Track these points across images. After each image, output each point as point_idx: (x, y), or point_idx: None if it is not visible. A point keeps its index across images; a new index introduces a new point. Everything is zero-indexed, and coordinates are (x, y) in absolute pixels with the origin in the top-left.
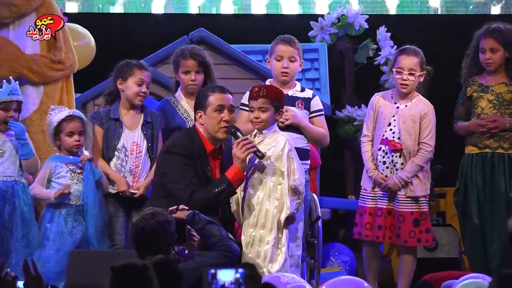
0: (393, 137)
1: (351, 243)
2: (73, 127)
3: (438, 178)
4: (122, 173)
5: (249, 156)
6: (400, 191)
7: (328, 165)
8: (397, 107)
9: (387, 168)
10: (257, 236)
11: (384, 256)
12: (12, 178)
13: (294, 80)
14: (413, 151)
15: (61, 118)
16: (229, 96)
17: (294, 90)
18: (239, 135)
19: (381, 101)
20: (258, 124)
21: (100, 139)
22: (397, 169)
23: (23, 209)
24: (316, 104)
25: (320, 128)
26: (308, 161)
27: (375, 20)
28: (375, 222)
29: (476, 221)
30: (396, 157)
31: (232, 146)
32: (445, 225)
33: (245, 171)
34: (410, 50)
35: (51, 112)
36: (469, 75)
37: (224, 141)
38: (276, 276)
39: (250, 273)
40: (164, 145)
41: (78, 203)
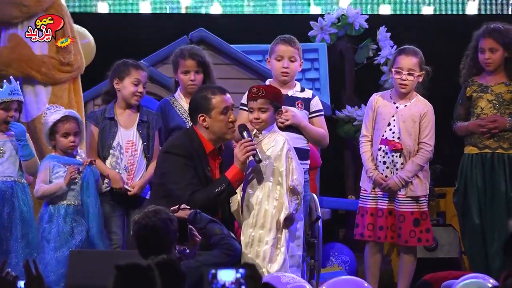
0: (393, 137)
1: (351, 243)
2: (68, 128)
3: (438, 178)
4: (117, 170)
5: (250, 158)
6: (401, 191)
7: (328, 165)
8: (397, 107)
9: (387, 168)
10: (256, 236)
11: (384, 256)
12: (12, 179)
13: (294, 80)
14: (413, 151)
15: (57, 119)
16: (229, 96)
17: (294, 90)
18: (245, 136)
19: (380, 101)
20: (258, 125)
21: (96, 139)
22: (397, 169)
23: (23, 209)
24: (316, 104)
25: (320, 128)
26: (308, 161)
27: (375, 20)
28: (377, 223)
29: (477, 221)
30: (396, 157)
31: (232, 146)
32: (445, 225)
33: (245, 171)
34: (409, 50)
35: (47, 112)
36: (469, 75)
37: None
38: (276, 276)
39: (251, 273)
40: (164, 146)
41: (77, 203)
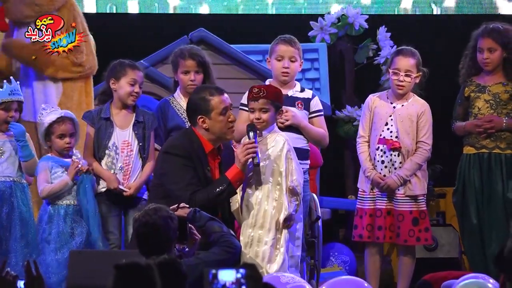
0: (391, 137)
1: (351, 243)
2: (64, 130)
3: (438, 178)
4: (113, 171)
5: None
6: (399, 190)
7: (328, 165)
8: (394, 107)
9: (386, 168)
10: (256, 237)
11: (384, 256)
12: (11, 179)
13: (294, 80)
14: (411, 150)
15: (52, 120)
16: (227, 96)
17: (294, 91)
18: (250, 136)
19: (377, 102)
20: (260, 125)
21: (92, 138)
22: (396, 168)
23: (22, 210)
24: (316, 105)
25: (320, 129)
26: (308, 161)
27: (375, 20)
28: (375, 223)
29: (475, 222)
30: (395, 156)
31: (231, 145)
32: (445, 225)
33: (245, 172)
34: (407, 51)
35: (42, 112)
36: (468, 75)
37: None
38: (276, 276)
39: (251, 273)
40: (163, 146)
41: (76, 203)
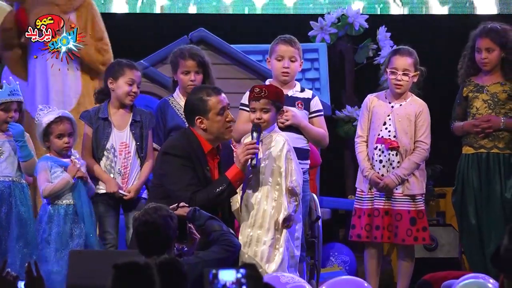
0: (389, 136)
1: (351, 243)
2: (63, 129)
3: (438, 178)
4: (112, 174)
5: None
6: (397, 190)
7: (328, 165)
8: (392, 107)
9: (384, 167)
10: (255, 236)
11: (384, 256)
12: (10, 179)
13: (294, 80)
14: (409, 149)
15: (51, 120)
16: (224, 95)
17: (294, 91)
18: (254, 136)
19: (375, 101)
20: (261, 125)
21: (90, 138)
22: (394, 168)
23: (20, 209)
24: (316, 105)
25: (320, 129)
26: (308, 161)
27: (375, 20)
28: (373, 223)
29: (473, 222)
30: (393, 155)
31: (230, 145)
32: (445, 225)
33: (245, 172)
34: (404, 51)
35: (39, 112)
36: (466, 76)
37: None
38: (276, 276)
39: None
40: (162, 147)
41: (74, 203)
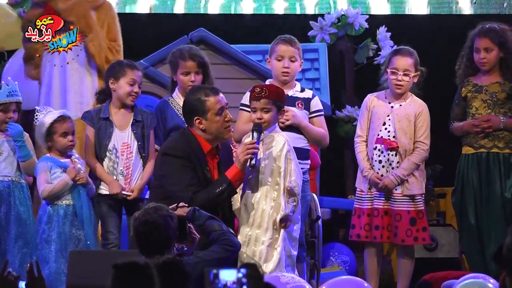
0: (389, 136)
1: (351, 243)
2: (67, 128)
3: (438, 178)
4: (114, 175)
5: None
6: (397, 190)
7: (328, 165)
8: (392, 107)
9: (383, 167)
10: (253, 236)
11: (384, 256)
12: (9, 178)
13: (294, 80)
14: (409, 150)
15: (54, 119)
16: (222, 95)
17: (294, 90)
18: (254, 136)
19: (375, 101)
20: (262, 125)
21: (93, 139)
22: (393, 168)
23: (19, 209)
24: (316, 104)
25: (320, 128)
26: (308, 161)
27: (375, 20)
28: (373, 223)
29: (473, 222)
30: (392, 156)
31: (230, 144)
32: (445, 225)
33: (245, 171)
34: (405, 51)
35: (38, 114)
36: (465, 76)
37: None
38: (276, 276)
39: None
40: (162, 148)
41: (74, 203)
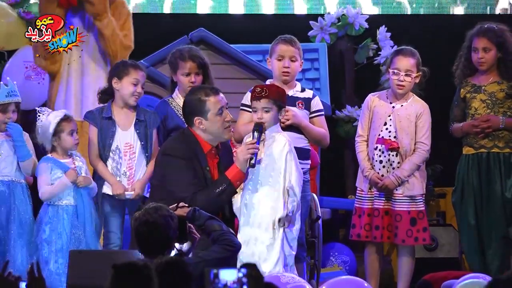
0: (389, 136)
1: (351, 243)
2: (73, 126)
3: (438, 178)
4: (118, 176)
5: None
6: (397, 190)
7: (328, 165)
8: (393, 107)
9: (384, 167)
10: (253, 236)
11: (384, 256)
12: (9, 178)
13: (295, 81)
14: (410, 150)
15: (60, 118)
16: (223, 95)
17: (295, 90)
18: (255, 136)
19: (376, 101)
20: (263, 125)
21: (96, 139)
22: (394, 168)
23: (20, 209)
24: (317, 104)
25: (321, 128)
26: (309, 161)
27: (375, 20)
28: (373, 222)
29: (472, 222)
30: (393, 156)
31: (229, 144)
32: (445, 225)
33: (245, 171)
34: (407, 51)
35: (40, 114)
36: (463, 76)
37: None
38: (276, 276)
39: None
40: (162, 148)
41: (74, 203)
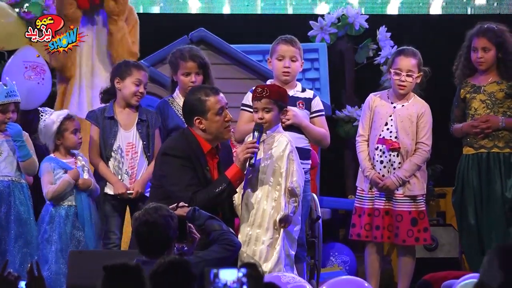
0: (390, 137)
1: (351, 243)
2: (76, 125)
3: (438, 178)
4: (119, 175)
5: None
6: (398, 190)
7: (328, 165)
8: (394, 107)
9: (385, 168)
10: (254, 235)
11: (384, 256)
12: (9, 178)
13: (295, 81)
14: (411, 150)
15: (64, 117)
16: (223, 95)
17: (295, 90)
18: (255, 136)
19: (378, 101)
20: (263, 125)
21: (97, 138)
22: (395, 168)
23: (19, 209)
24: (317, 105)
25: (321, 128)
26: (309, 161)
27: (375, 20)
28: (373, 222)
29: (472, 222)
30: (394, 156)
31: (229, 144)
32: (445, 225)
33: (245, 171)
34: (408, 51)
35: (43, 114)
36: (463, 76)
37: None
38: (276, 276)
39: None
40: (162, 148)
41: (75, 204)
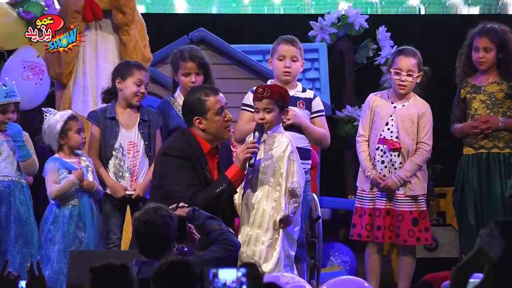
0: (391, 136)
1: (351, 243)
2: (80, 125)
3: (438, 178)
4: (121, 173)
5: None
6: (399, 190)
7: (328, 165)
8: (394, 107)
9: (386, 168)
10: (253, 236)
11: (384, 256)
12: (9, 178)
13: (296, 81)
14: (412, 150)
15: (68, 116)
16: (222, 95)
17: (296, 91)
18: (256, 136)
19: (378, 101)
20: (264, 125)
21: (98, 139)
22: (396, 168)
23: (20, 209)
24: (317, 105)
25: (321, 129)
26: (310, 161)
27: (375, 20)
28: (374, 223)
29: (472, 222)
30: (395, 156)
31: (229, 144)
32: (445, 225)
33: (245, 171)
34: (408, 51)
35: (47, 114)
36: (464, 75)
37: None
38: (276, 276)
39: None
40: (161, 148)
41: (78, 204)
